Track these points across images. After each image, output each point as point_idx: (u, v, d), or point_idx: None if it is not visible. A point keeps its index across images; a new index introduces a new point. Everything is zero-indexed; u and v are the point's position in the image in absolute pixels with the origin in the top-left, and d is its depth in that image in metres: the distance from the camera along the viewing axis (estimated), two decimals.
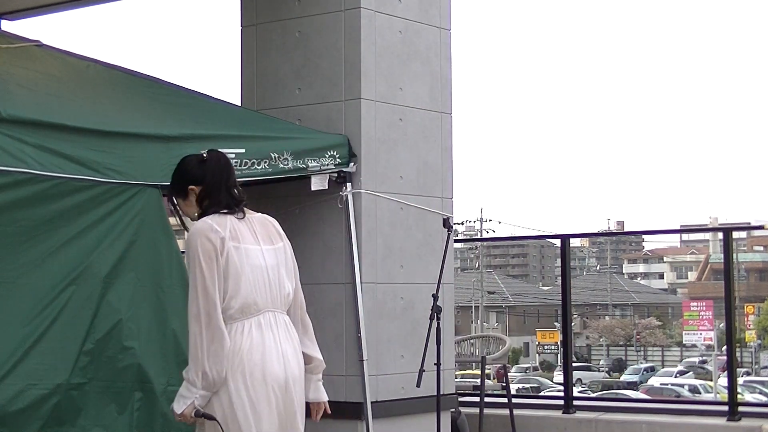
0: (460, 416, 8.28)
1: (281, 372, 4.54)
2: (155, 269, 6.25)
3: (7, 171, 5.60)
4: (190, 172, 4.67)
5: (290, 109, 7.83)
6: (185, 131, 6.55)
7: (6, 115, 5.63)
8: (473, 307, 66.07)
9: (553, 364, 57.96)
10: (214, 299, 4.39)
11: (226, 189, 4.65)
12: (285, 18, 7.95)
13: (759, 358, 52.57)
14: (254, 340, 4.48)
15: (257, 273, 4.55)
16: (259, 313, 4.53)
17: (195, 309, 4.40)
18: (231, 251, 4.46)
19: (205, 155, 4.69)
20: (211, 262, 4.41)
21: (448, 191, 8.14)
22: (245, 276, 4.50)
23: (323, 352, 7.56)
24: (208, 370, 4.37)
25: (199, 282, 4.39)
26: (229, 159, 4.80)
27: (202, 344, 4.37)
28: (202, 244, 4.43)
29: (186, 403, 4.42)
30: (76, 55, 7.68)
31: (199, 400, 4.40)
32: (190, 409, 4.41)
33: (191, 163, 4.70)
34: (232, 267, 4.46)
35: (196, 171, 4.66)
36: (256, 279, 4.54)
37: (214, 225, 4.49)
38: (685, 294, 79.25)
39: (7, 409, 5.64)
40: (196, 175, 4.66)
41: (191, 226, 4.55)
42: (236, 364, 4.43)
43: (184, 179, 4.68)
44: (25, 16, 10.26)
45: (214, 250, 4.43)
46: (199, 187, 4.63)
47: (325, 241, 7.63)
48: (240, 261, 4.49)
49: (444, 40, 8.22)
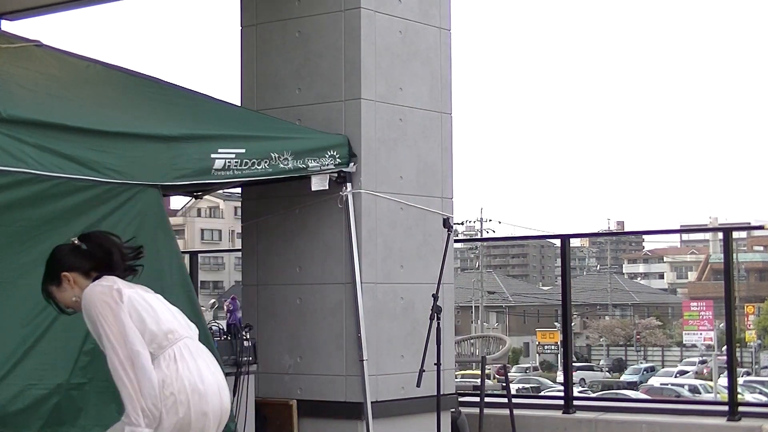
0: (460, 416, 8.27)
1: (217, 397, 4.58)
2: (155, 269, 6.25)
3: (7, 171, 5.60)
4: (63, 260, 4.64)
5: (290, 109, 7.83)
6: (185, 131, 6.55)
7: (6, 115, 5.64)
8: (473, 307, 66.06)
9: (553, 364, 57.94)
10: (134, 343, 4.42)
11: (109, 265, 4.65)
12: (285, 18, 7.95)
13: (759, 358, 52.56)
14: (189, 365, 4.53)
15: (163, 306, 4.64)
16: (182, 338, 4.59)
17: (116, 360, 4.40)
18: (131, 295, 4.52)
19: (77, 242, 4.67)
20: (116, 311, 4.45)
21: (448, 191, 8.14)
22: (157, 309, 4.58)
23: (323, 352, 7.61)
24: (146, 407, 4.37)
25: (111, 334, 4.42)
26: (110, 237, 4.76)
27: (134, 387, 4.38)
28: (100, 301, 4.46)
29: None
30: (76, 55, 7.68)
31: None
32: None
33: (63, 251, 4.68)
34: (138, 305, 4.52)
35: (68, 258, 4.64)
36: (165, 310, 4.63)
37: (103, 282, 4.54)
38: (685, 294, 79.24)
39: (7, 409, 5.65)
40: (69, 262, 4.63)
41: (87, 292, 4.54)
42: (177, 387, 4.46)
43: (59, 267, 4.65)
44: (25, 16, 10.27)
45: (114, 300, 4.47)
46: (73, 274, 4.61)
47: (325, 241, 7.63)
48: (144, 299, 4.56)
49: (444, 40, 8.22)
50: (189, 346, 4.58)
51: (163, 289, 6.25)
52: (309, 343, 7.66)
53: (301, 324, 7.70)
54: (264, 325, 7.82)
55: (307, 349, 7.67)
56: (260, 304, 7.92)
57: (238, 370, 7.15)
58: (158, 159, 6.31)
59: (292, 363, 7.71)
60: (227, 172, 6.66)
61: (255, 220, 7.98)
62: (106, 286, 4.51)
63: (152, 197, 6.29)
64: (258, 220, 7.96)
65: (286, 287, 7.79)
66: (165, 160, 6.32)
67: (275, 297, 7.85)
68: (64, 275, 4.59)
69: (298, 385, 7.66)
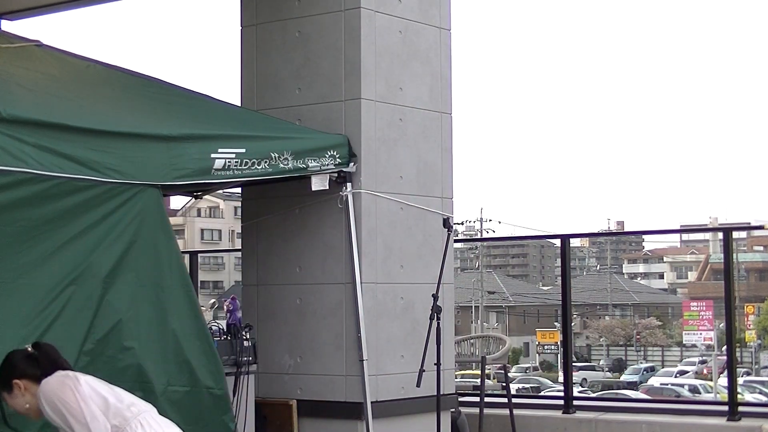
0: (460, 416, 8.27)
1: None
2: (155, 269, 6.26)
3: (7, 171, 5.59)
4: (15, 366, 4.75)
5: (290, 109, 7.83)
6: (185, 131, 6.55)
7: (6, 115, 5.63)
8: (473, 307, 66.05)
9: (553, 364, 57.94)
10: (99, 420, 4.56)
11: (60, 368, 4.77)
12: (285, 18, 7.95)
13: (759, 358, 52.53)
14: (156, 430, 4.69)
15: (117, 388, 4.80)
16: (144, 412, 4.74)
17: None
18: (87, 379, 4.69)
19: (29, 348, 4.79)
20: (75, 396, 4.58)
21: (448, 191, 8.14)
22: (113, 387, 4.74)
23: (323, 352, 7.61)
24: None
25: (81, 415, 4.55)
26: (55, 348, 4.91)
27: None
28: (60, 390, 4.60)
29: None
30: (75, 55, 7.68)
31: None
32: None
33: (16, 358, 4.79)
34: (97, 385, 4.68)
35: (20, 364, 4.75)
36: (120, 390, 4.78)
37: (56, 375, 4.68)
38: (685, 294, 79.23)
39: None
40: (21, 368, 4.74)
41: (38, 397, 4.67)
42: None
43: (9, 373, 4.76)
44: (25, 16, 10.27)
45: (72, 387, 4.61)
46: (24, 381, 4.72)
47: (325, 241, 7.63)
48: (100, 382, 4.73)
49: (444, 40, 8.22)
50: (154, 417, 4.75)
51: (163, 289, 6.27)
52: (309, 343, 7.66)
53: (301, 324, 7.70)
54: (264, 325, 7.82)
55: (307, 349, 7.67)
56: (260, 304, 7.92)
57: (238, 370, 7.15)
58: (158, 159, 6.30)
59: (292, 363, 7.71)
60: (227, 172, 6.65)
61: (255, 220, 7.98)
62: (61, 375, 4.67)
63: (152, 197, 6.28)
64: (258, 220, 7.96)
65: (286, 287, 7.79)
66: (165, 159, 6.31)
67: (275, 297, 7.85)
68: (15, 382, 4.72)
69: (298, 385, 7.66)
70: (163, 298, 6.25)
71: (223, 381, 6.62)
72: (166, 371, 6.16)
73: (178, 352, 6.37)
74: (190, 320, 6.47)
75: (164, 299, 6.25)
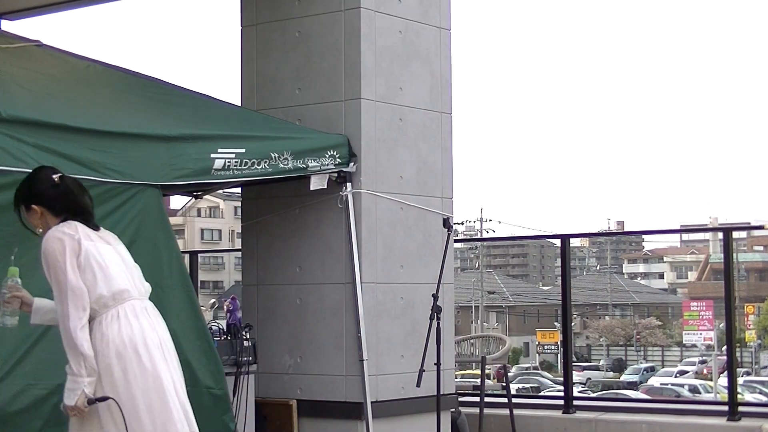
0: (460, 416, 8.28)
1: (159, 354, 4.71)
2: (155, 269, 6.25)
3: (7, 171, 5.59)
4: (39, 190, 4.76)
5: (290, 109, 7.83)
6: (185, 131, 6.55)
7: (6, 115, 5.63)
8: (473, 307, 66.04)
9: (553, 364, 57.92)
10: (82, 293, 4.54)
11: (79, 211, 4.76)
12: (285, 18, 7.95)
13: (759, 358, 52.53)
14: (132, 324, 4.65)
15: (118, 265, 4.73)
16: (130, 299, 4.70)
17: (66, 308, 4.54)
18: (89, 248, 4.63)
19: (57, 179, 4.76)
20: (73, 261, 4.56)
21: (448, 191, 8.14)
22: (111, 267, 4.67)
23: (323, 352, 7.61)
24: (87, 358, 4.52)
25: (64, 282, 4.54)
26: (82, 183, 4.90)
27: (77, 336, 4.52)
28: (59, 248, 4.58)
29: (77, 394, 4.55)
30: (75, 55, 7.69)
31: (88, 387, 4.55)
32: (82, 399, 4.54)
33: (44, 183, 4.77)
34: (93, 260, 4.62)
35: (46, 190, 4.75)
36: (119, 269, 4.71)
37: (66, 230, 4.64)
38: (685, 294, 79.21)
39: (7, 409, 5.65)
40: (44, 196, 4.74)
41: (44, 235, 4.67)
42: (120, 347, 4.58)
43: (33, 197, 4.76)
44: (25, 16, 10.27)
45: (73, 251, 4.58)
46: (41, 208, 4.72)
47: (325, 241, 7.63)
48: (100, 255, 4.66)
49: (444, 40, 8.22)
50: (135, 306, 4.69)
51: (163, 288, 6.27)
52: (309, 343, 7.66)
53: (301, 324, 7.70)
54: (264, 325, 7.82)
55: (307, 349, 7.67)
56: (260, 304, 7.92)
57: (238, 370, 7.15)
58: (158, 159, 6.31)
59: (292, 363, 7.71)
60: (227, 172, 6.66)
61: (255, 220, 7.98)
62: (67, 233, 4.61)
63: (152, 197, 6.28)
64: (258, 220, 7.96)
65: (286, 287, 7.79)
66: (165, 159, 6.32)
67: (275, 297, 7.85)
68: (34, 208, 4.72)
69: (298, 385, 7.66)
70: (163, 298, 6.24)
71: (223, 381, 6.62)
72: None
73: (178, 352, 6.33)
74: (190, 320, 6.48)
75: (164, 299, 6.24)
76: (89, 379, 4.52)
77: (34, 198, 4.74)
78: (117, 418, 4.52)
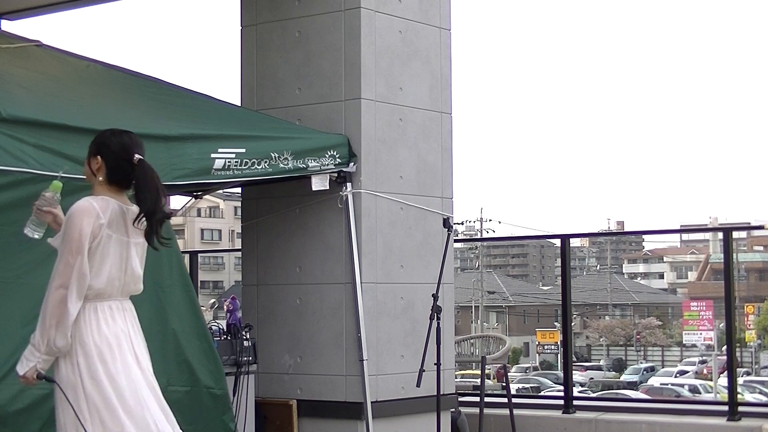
0: (460, 416, 8.28)
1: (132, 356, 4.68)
2: (155, 269, 6.25)
3: (7, 170, 5.60)
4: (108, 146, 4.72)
5: (290, 109, 7.83)
6: (185, 131, 6.55)
7: (6, 114, 5.63)
8: (473, 307, 66.03)
9: (553, 363, 57.93)
10: (86, 280, 4.53)
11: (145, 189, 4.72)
12: (285, 18, 7.95)
13: (759, 358, 52.51)
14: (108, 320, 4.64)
15: (117, 263, 4.70)
16: (110, 300, 4.68)
17: (63, 281, 4.51)
18: (104, 238, 4.61)
19: (136, 159, 4.73)
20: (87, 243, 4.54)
21: (448, 191, 8.15)
22: (107, 265, 4.65)
23: (323, 352, 7.61)
24: (53, 339, 4.49)
25: (74, 259, 4.52)
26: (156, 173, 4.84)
27: (56, 314, 4.49)
28: (85, 224, 4.54)
29: (29, 365, 4.54)
30: (75, 55, 7.69)
31: (42, 363, 4.53)
32: (32, 372, 4.54)
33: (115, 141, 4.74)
34: (98, 253, 4.61)
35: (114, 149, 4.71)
36: (113, 270, 4.68)
37: (97, 208, 4.60)
38: (685, 294, 79.15)
39: (7, 409, 5.64)
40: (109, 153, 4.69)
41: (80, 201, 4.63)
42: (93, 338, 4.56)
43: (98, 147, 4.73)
44: (25, 16, 10.27)
45: (92, 234, 4.56)
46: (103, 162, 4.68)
47: (325, 241, 7.63)
48: (107, 250, 4.63)
49: (444, 40, 8.22)
50: (112, 307, 4.67)
51: (163, 288, 6.28)
52: (309, 343, 7.66)
53: (301, 324, 7.70)
54: (264, 325, 7.82)
55: (307, 349, 7.67)
56: (260, 304, 7.92)
57: (238, 370, 7.16)
58: (158, 159, 6.28)
59: (292, 363, 7.71)
60: (227, 172, 6.66)
61: (255, 220, 7.98)
62: (96, 209, 4.57)
63: None
64: (258, 220, 7.96)
65: (286, 287, 7.80)
66: (165, 159, 6.31)
67: (275, 297, 7.85)
68: (95, 159, 4.67)
69: (298, 385, 7.66)
70: (163, 298, 6.25)
71: (223, 381, 6.62)
72: (166, 371, 6.16)
73: (178, 352, 6.38)
74: (190, 320, 6.48)
75: (164, 299, 6.25)
76: (45, 357, 4.51)
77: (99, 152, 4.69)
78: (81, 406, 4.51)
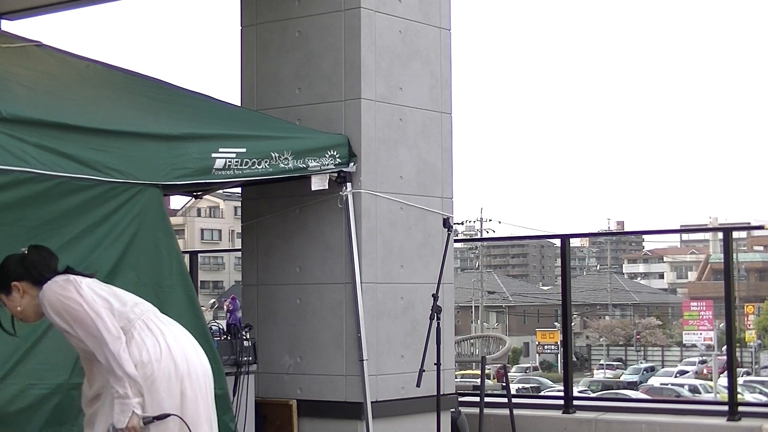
0: (460, 416, 8.28)
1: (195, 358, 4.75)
2: (156, 269, 6.26)
3: (8, 170, 5.60)
4: (12, 270, 4.72)
5: (290, 109, 7.84)
6: (186, 131, 6.56)
7: (7, 114, 5.64)
8: (473, 307, 66.04)
9: (553, 364, 57.95)
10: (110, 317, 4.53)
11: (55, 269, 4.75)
12: (285, 18, 7.95)
13: (759, 358, 52.51)
14: (163, 330, 4.67)
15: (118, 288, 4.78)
16: (148, 311, 4.72)
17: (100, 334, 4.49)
18: (88, 282, 4.65)
19: (25, 251, 4.75)
20: (81, 304, 4.54)
21: (448, 191, 8.15)
22: (113, 288, 4.73)
23: (323, 352, 7.61)
24: (132, 376, 4.48)
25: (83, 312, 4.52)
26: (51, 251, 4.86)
27: (120, 357, 4.48)
28: (60, 290, 4.57)
29: (128, 416, 4.48)
30: (75, 55, 7.69)
31: (138, 408, 4.49)
32: (136, 420, 4.48)
33: (13, 261, 4.76)
34: (99, 288, 4.65)
35: (17, 268, 4.71)
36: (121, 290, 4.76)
37: (58, 279, 4.64)
38: (685, 294, 79.14)
39: (8, 409, 5.65)
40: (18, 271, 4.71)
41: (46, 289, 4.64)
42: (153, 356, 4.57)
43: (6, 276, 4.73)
44: (25, 16, 10.27)
45: (75, 292, 4.56)
46: (23, 283, 4.69)
47: (325, 241, 7.64)
48: (98, 283, 4.70)
49: (444, 40, 8.23)
50: (158, 315, 4.72)
51: (163, 288, 6.28)
52: (309, 343, 7.67)
53: (301, 324, 7.71)
54: (264, 325, 7.82)
55: (307, 349, 7.67)
56: (260, 304, 7.93)
57: (238, 370, 7.16)
58: (159, 158, 6.31)
59: (292, 363, 7.72)
60: (228, 172, 6.66)
61: (255, 220, 7.99)
62: (62, 279, 4.61)
63: (153, 197, 6.29)
64: (258, 220, 7.97)
65: (286, 287, 7.80)
66: (166, 159, 6.32)
67: (275, 297, 7.85)
68: (14, 285, 4.69)
69: (298, 385, 7.66)
70: (163, 298, 6.25)
71: (223, 381, 6.62)
72: None
73: None
74: (190, 320, 6.47)
75: (164, 299, 6.25)
76: (137, 399, 4.48)
77: (10, 276, 4.70)
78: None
